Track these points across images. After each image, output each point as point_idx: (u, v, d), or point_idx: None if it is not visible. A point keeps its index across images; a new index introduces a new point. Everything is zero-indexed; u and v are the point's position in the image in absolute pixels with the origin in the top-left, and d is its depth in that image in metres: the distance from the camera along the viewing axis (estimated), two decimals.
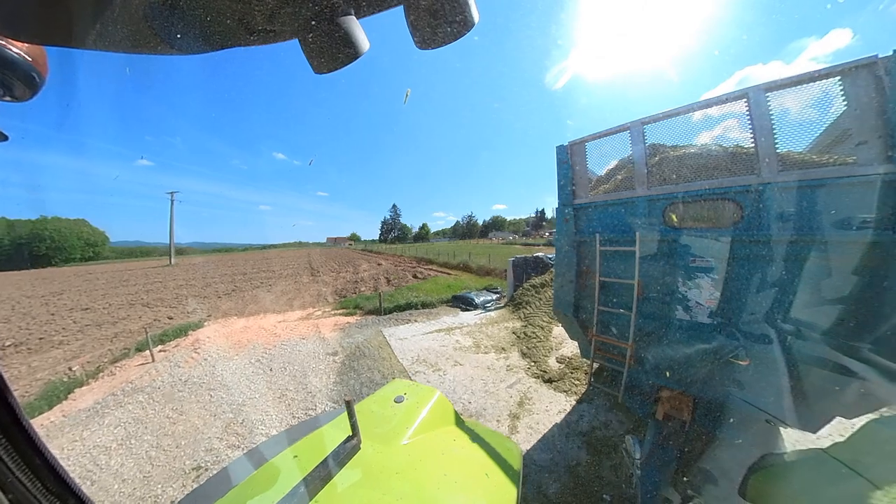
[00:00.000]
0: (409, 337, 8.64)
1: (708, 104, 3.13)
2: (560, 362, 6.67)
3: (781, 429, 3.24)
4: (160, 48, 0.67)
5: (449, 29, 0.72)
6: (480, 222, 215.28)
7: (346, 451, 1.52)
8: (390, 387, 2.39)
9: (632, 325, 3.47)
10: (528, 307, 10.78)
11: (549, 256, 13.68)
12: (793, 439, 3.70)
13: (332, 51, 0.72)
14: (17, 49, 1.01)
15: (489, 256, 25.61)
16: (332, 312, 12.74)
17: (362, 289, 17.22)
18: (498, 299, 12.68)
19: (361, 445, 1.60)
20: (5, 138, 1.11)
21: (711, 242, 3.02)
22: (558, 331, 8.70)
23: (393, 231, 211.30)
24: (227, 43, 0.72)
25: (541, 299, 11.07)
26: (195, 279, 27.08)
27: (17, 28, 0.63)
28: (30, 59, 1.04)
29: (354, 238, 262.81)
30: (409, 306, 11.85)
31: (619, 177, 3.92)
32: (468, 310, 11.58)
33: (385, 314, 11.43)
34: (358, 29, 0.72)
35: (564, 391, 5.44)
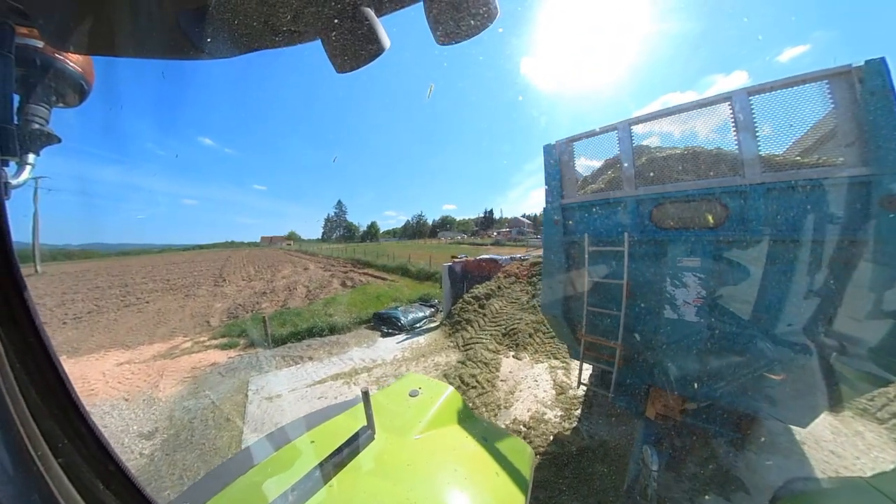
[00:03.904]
0: (285, 393, 5.64)
1: (693, 107, 3.15)
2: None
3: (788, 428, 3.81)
4: (192, 54, 0.71)
5: (472, 22, 0.71)
6: (430, 222, 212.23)
7: (361, 440, 1.55)
8: (405, 380, 2.37)
9: (621, 325, 3.40)
10: (469, 328, 8.35)
11: (498, 258, 11.49)
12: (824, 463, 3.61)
13: (355, 49, 0.72)
14: (70, 61, 1.14)
15: (430, 258, 23.06)
16: (206, 344, 9.23)
17: (264, 305, 13.55)
18: (432, 315, 10.13)
19: (375, 436, 1.61)
20: (59, 140, 1.19)
21: (698, 242, 3.02)
22: (509, 365, 6.35)
23: (338, 230, 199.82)
24: (255, 46, 0.74)
25: (485, 315, 8.72)
26: (50, 295, 20.70)
27: (68, 42, 0.70)
28: (80, 69, 1.18)
29: (293, 237, 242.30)
30: (311, 332, 8.72)
31: (607, 177, 3.88)
32: (392, 333, 8.82)
33: (275, 346, 8.24)
34: (379, 27, 0.71)
35: None
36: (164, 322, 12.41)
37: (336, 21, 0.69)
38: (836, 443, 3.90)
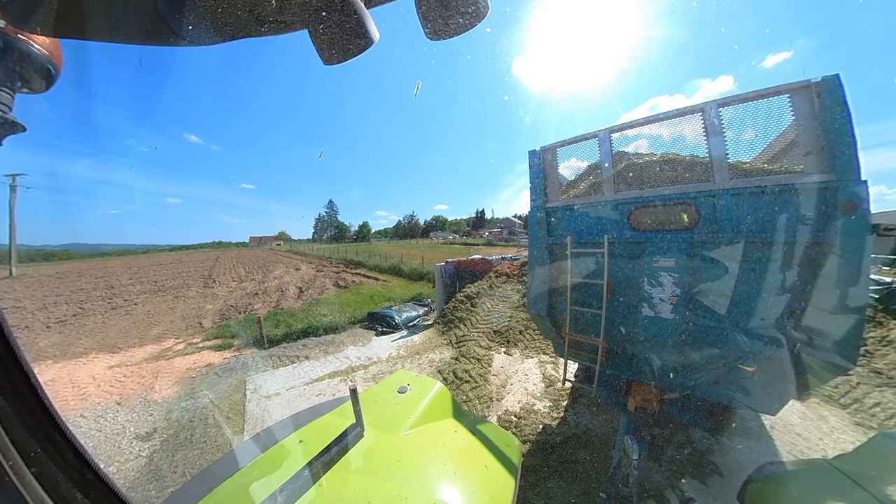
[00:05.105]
0: (284, 391, 5.77)
1: (668, 116, 3.35)
2: (504, 426, 4.47)
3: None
4: (172, 40, 0.66)
5: (461, 19, 0.71)
6: (422, 222, 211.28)
7: (350, 438, 1.55)
8: (394, 377, 2.39)
9: (602, 323, 3.53)
10: (462, 326, 8.56)
11: (491, 258, 11.75)
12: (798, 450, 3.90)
13: (343, 42, 0.70)
14: (35, 43, 1.05)
15: (422, 258, 23.21)
16: (199, 345, 9.22)
17: (257, 306, 13.53)
18: (426, 314, 10.31)
19: (364, 433, 1.61)
20: (24, 129, 1.14)
21: (673, 243, 3.19)
22: (500, 361, 6.58)
23: (329, 230, 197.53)
24: (238, 34, 0.70)
25: (477, 314, 8.93)
26: (31, 298, 20.18)
27: (33, 22, 0.63)
28: (46, 52, 1.08)
29: (283, 237, 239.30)
30: (306, 332, 8.82)
31: (589, 181, 4.02)
32: (386, 332, 8.97)
33: (270, 346, 8.31)
34: (368, 19, 0.69)
35: None
36: (154, 324, 12.29)
37: (324, 12, 0.66)
38: (802, 426, 4.22)
